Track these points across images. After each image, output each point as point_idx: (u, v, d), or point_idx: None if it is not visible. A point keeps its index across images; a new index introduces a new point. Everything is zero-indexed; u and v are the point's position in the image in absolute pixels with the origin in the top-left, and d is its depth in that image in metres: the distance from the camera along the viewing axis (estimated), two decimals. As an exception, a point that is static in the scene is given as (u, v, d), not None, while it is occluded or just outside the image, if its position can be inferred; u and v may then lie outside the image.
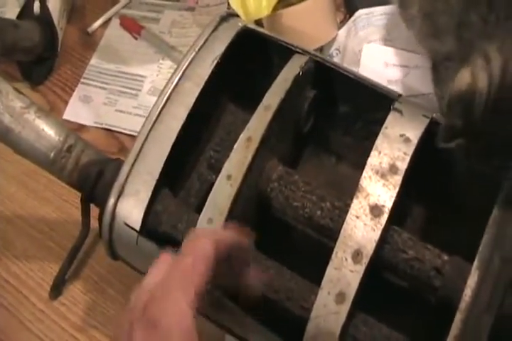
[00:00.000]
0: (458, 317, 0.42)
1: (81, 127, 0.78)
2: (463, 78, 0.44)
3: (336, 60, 0.75)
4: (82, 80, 0.82)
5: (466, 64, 0.45)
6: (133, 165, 0.51)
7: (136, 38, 0.85)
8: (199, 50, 0.56)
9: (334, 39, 0.77)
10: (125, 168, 0.51)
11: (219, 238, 0.39)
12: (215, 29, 0.57)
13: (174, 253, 0.39)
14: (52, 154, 0.55)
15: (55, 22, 0.83)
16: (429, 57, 0.58)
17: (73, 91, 0.82)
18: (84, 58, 0.84)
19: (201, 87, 0.53)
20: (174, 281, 0.36)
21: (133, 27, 0.85)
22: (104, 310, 0.66)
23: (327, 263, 0.45)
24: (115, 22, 0.87)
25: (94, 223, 0.55)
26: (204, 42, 0.56)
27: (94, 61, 0.84)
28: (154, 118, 0.53)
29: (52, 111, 0.80)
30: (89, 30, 0.87)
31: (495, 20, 0.49)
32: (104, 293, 0.67)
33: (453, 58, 0.51)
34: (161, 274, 0.37)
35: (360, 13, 0.76)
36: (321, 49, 0.77)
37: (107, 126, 0.78)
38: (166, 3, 0.88)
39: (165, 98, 0.53)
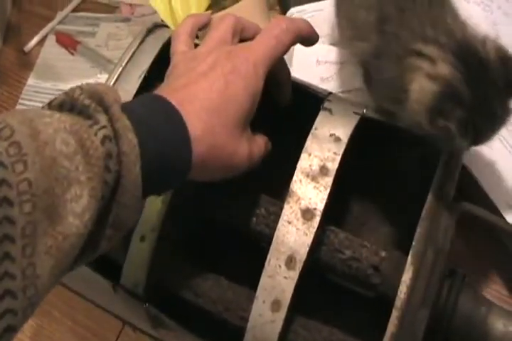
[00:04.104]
0: (394, 315, 0.42)
1: (21, 149, 0.77)
2: (423, 84, 0.44)
3: (272, 60, 0.75)
4: (19, 101, 0.81)
5: (406, 72, 0.46)
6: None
7: (72, 54, 0.84)
8: (126, 64, 0.55)
9: (270, 39, 0.77)
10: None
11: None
12: (142, 41, 0.56)
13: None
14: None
15: (-11, 43, 0.82)
16: (357, 61, 0.58)
17: (11, 113, 0.80)
18: (21, 78, 0.83)
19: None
20: None
21: (69, 42, 0.84)
22: (50, 333, 0.65)
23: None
24: (51, 39, 0.86)
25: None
26: (131, 56, 0.55)
27: (31, 81, 0.83)
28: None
29: (-9, 135, 0.79)
30: (26, 49, 0.86)
31: (411, 6, 0.49)
32: (49, 316, 0.66)
33: (381, 56, 0.51)
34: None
35: (293, 11, 0.75)
36: (257, 50, 0.77)
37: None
38: (102, 16, 0.87)
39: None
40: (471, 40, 0.45)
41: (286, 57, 0.72)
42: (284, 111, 0.59)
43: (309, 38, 0.49)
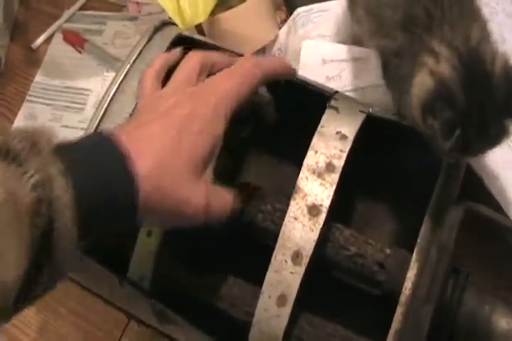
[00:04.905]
0: (399, 311, 0.43)
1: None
2: (424, 79, 0.45)
3: (278, 59, 0.75)
4: (27, 98, 0.82)
5: (415, 66, 0.46)
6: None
7: (80, 52, 0.84)
8: (134, 62, 0.56)
9: (276, 39, 0.77)
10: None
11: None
12: (150, 39, 0.57)
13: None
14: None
15: (-3, 41, 0.82)
16: (378, 55, 0.58)
17: (19, 110, 0.81)
18: (29, 75, 0.84)
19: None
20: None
21: (76, 40, 0.85)
22: (56, 329, 0.66)
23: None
24: (58, 37, 0.87)
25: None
26: (139, 54, 0.56)
27: (38, 78, 0.84)
28: (92, 132, 0.53)
29: (-2, 132, 0.80)
30: (33, 47, 0.86)
31: (440, 15, 0.49)
32: (55, 312, 0.66)
33: (402, 55, 0.51)
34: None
35: (299, 11, 0.76)
36: (263, 50, 0.77)
37: (52, 143, 0.77)
38: (109, 14, 0.88)
39: (102, 111, 0.53)
40: (483, 50, 0.45)
41: (293, 56, 0.73)
42: (290, 109, 0.60)
43: (285, 76, 0.50)
